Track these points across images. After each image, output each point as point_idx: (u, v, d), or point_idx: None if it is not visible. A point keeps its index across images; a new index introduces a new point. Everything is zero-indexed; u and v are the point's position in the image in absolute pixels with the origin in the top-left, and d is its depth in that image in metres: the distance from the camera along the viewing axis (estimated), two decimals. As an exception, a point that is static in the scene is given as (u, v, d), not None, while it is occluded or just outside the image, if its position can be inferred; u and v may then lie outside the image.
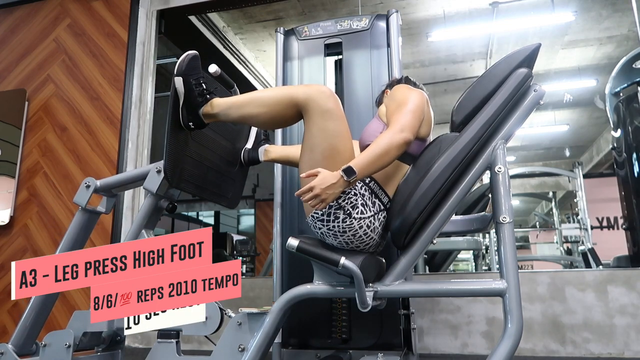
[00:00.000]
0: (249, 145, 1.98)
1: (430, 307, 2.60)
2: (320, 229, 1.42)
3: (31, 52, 3.60)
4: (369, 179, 1.45)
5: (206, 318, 1.50)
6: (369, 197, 1.42)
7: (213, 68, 1.69)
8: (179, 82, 1.56)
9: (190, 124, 1.59)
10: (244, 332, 1.45)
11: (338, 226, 1.39)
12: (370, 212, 1.41)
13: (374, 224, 1.42)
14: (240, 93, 5.66)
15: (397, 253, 1.53)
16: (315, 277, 1.45)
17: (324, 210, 1.39)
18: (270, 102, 1.49)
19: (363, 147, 1.55)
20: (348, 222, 1.38)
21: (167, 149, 1.56)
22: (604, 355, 2.38)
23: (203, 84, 1.58)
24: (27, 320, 1.69)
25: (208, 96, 1.58)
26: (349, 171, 1.31)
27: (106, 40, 3.48)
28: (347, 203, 1.39)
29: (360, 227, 1.40)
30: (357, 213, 1.39)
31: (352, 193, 1.41)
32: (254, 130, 2.00)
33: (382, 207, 1.45)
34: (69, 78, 3.48)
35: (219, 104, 1.57)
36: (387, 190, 1.48)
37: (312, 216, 1.42)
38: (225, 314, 1.52)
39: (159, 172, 1.62)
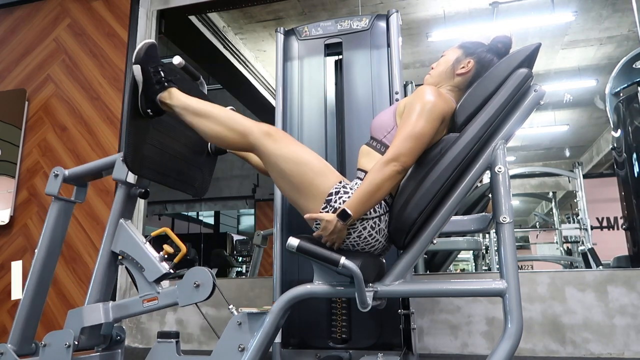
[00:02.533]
0: None
1: (430, 307, 2.60)
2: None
3: (31, 52, 3.60)
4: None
5: (198, 285, 1.51)
6: None
7: (177, 60, 1.72)
8: (137, 70, 1.59)
9: (149, 110, 1.62)
10: (244, 332, 1.45)
11: None
12: (376, 213, 1.41)
13: (379, 225, 1.41)
14: (241, 94, 5.64)
15: (397, 253, 1.53)
16: (315, 277, 1.45)
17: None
18: (224, 125, 1.52)
19: (372, 137, 1.55)
20: (349, 224, 1.38)
21: (126, 136, 1.59)
22: (604, 355, 2.38)
23: (161, 72, 1.61)
24: (20, 317, 1.69)
25: (166, 84, 1.60)
26: (344, 215, 1.34)
27: (106, 40, 3.48)
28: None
29: (364, 228, 1.40)
30: None
31: (351, 193, 1.41)
32: None
33: (387, 209, 1.45)
34: (69, 78, 3.48)
35: (178, 99, 1.59)
36: (392, 191, 1.48)
37: (316, 227, 1.45)
38: (229, 309, 1.53)
39: (124, 160, 1.64)
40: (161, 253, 1.60)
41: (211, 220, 11.32)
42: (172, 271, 1.59)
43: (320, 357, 1.96)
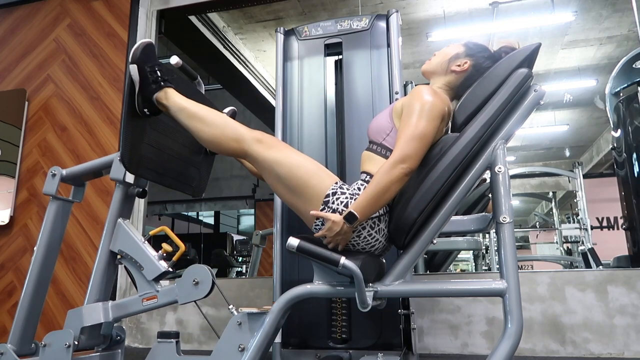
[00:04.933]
0: None
1: (430, 307, 2.60)
2: (325, 237, 1.43)
3: (31, 52, 3.60)
4: (370, 178, 1.45)
5: (197, 282, 1.51)
6: None
7: (174, 59, 1.73)
8: (133, 69, 1.60)
9: (145, 110, 1.62)
10: (244, 332, 1.45)
11: None
12: (376, 213, 1.41)
13: (378, 225, 1.41)
14: (241, 94, 5.65)
15: (397, 253, 1.53)
16: (315, 277, 1.45)
17: (322, 220, 1.42)
18: (217, 129, 1.53)
19: (371, 141, 1.55)
20: None
21: (124, 136, 1.59)
22: (604, 355, 2.38)
23: (158, 72, 1.61)
24: (20, 317, 1.69)
25: (162, 83, 1.60)
26: (351, 217, 1.34)
27: (106, 40, 3.48)
28: (345, 206, 1.40)
29: (364, 229, 1.40)
30: None
31: (349, 194, 1.42)
32: None
33: (387, 209, 1.45)
34: (69, 78, 3.48)
35: (173, 101, 1.59)
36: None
37: (315, 228, 1.45)
38: (229, 308, 1.53)
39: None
40: (160, 252, 1.60)
41: (211, 220, 11.33)
42: (170, 269, 1.59)
43: (320, 357, 1.96)
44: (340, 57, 2.30)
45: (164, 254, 1.60)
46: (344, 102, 2.22)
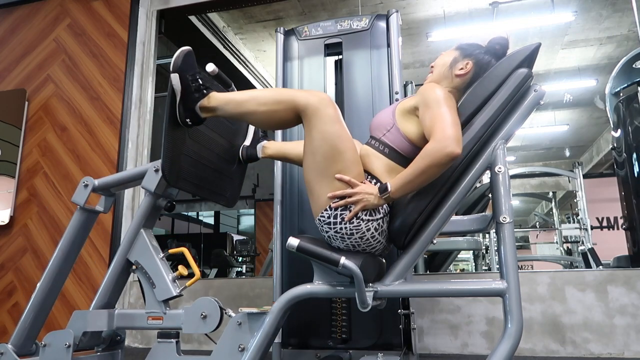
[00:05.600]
0: (247, 142, 1.97)
1: (430, 307, 2.60)
2: (327, 232, 1.42)
3: (31, 52, 3.60)
4: (375, 180, 1.44)
5: (205, 316, 1.51)
6: None
7: (211, 67, 1.69)
8: (175, 78, 1.56)
9: (188, 120, 1.58)
10: (244, 332, 1.45)
11: (345, 228, 1.38)
12: (379, 214, 1.40)
13: (382, 226, 1.41)
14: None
15: (397, 253, 1.53)
16: (315, 277, 1.45)
17: (330, 212, 1.39)
18: (270, 102, 1.48)
19: (371, 136, 1.54)
20: (355, 223, 1.38)
21: (165, 147, 1.56)
22: (604, 355, 2.38)
23: (199, 80, 1.58)
24: (26, 319, 1.69)
25: (205, 91, 1.57)
26: (383, 188, 1.35)
27: (106, 40, 3.48)
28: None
29: (368, 230, 1.39)
30: (366, 214, 1.38)
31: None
32: (252, 127, 2.00)
33: (388, 210, 1.44)
34: (69, 78, 3.48)
35: (217, 98, 1.57)
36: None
37: (319, 219, 1.42)
38: (225, 313, 1.53)
39: (157, 171, 1.62)
40: (175, 274, 1.58)
41: (211, 220, 11.32)
42: (182, 294, 1.58)
43: (320, 357, 1.96)
44: (340, 57, 2.30)
45: (179, 277, 1.59)
46: (344, 102, 2.22)
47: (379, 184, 1.42)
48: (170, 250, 1.68)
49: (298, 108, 1.43)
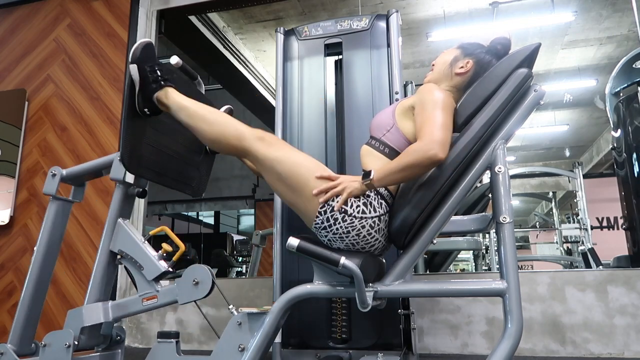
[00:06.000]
0: None
1: (430, 307, 2.60)
2: (326, 236, 1.43)
3: (31, 52, 3.60)
4: None
5: (197, 282, 1.51)
6: (375, 198, 1.42)
7: (174, 59, 1.73)
8: (134, 69, 1.61)
9: (146, 110, 1.62)
10: (244, 332, 1.45)
11: (340, 227, 1.39)
12: (376, 212, 1.40)
13: (378, 225, 1.41)
14: (241, 94, 5.64)
15: (397, 253, 1.53)
16: (315, 277, 1.45)
17: (322, 217, 1.40)
18: (217, 129, 1.53)
19: (371, 136, 1.55)
20: (349, 221, 1.38)
21: (123, 136, 1.59)
22: (604, 355, 2.38)
23: (158, 71, 1.61)
24: (20, 317, 1.69)
25: (162, 82, 1.61)
26: (366, 174, 1.37)
27: (106, 40, 3.48)
28: (345, 204, 1.40)
29: (363, 227, 1.39)
30: (358, 212, 1.38)
31: None
32: None
33: (387, 209, 1.44)
34: (69, 78, 3.48)
35: (174, 100, 1.60)
36: (394, 192, 1.48)
37: (315, 227, 1.44)
38: (229, 309, 1.53)
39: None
40: (160, 252, 1.60)
41: (211, 220, 11.32)
42: (170, 269, 1.59)
43: (320, 357, 1.96)
44: (340, 57, 2.30)
45: (164, 254, 1.60)
46: (344, 102, 2.22)
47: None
48: (151, 232, 1.73)
49: (243, 144, 1.49)
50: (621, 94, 3.47)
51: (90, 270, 3.08)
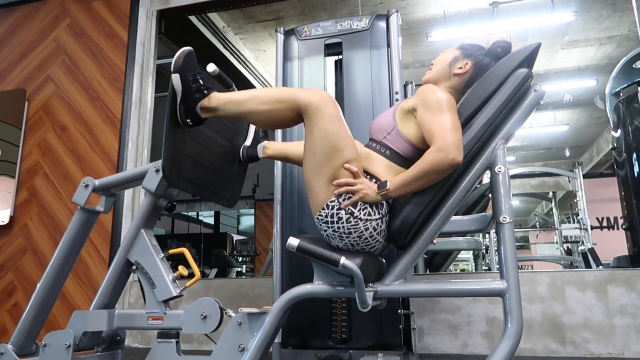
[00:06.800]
0: (248, 142, 1.97)
1: (430, 307, 2.60)
2: (325, 230, 1.42)
3: (31, 52, 3.60)
4: (375, 180, 1.44)
5: (205, 316, 1.51)
6: None
7: (211, 67, 1.69)
8: (176, 79, 1.56)
9: (188, 120, 1.59)
10: (244, 332, 1.45)
11: (343, 227, 1.39)
12: (379, 214, 1.40)
13: (380, 226, 1.41)
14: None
15: (397, 253, 1.53)
16: (315, 277, 1.45)
17: (328, 211, 1.39)
18: (271, 101, 1.48)
19: (371, 139, 1.54)
20: (353, 223, 1.38)
21: (166, 147, 1.56)
22: (604, 355, 2.38)
23: (200, 80, 1.58)
24: (27, 319, 1.69)
25: (205, 91, 1.58)
26: (382, 185, 1.36)
27: (106, 40, 3.48)
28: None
29: (366, 229, 1.39)
30: (364, 214, 1.38)
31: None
32: (252, 127, 2.00)
33: (387, 210, 1.44)
34: (69, 78, 3.48)
35: (218, 98, 1.57)
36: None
37: (318, 218, 1.42)
38: (226, 313, 1.52)
39: (157, 171, 1.62)
40: (175, 274, 1.58)
41: (211, 220, 11.32)
42: (182, 295, 1.58)
43: (320, 357, 1.96)
44: (340, 57, 2.30)
45: (179, 277, 1.59)
46: (344, 102, 2.22)
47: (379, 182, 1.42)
48: (170, 251, 1.68)
49: (299, 107, 1.43)
50: (621, 94, 3.47)
51: (90, 271, 3.09)
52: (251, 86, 6.03)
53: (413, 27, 5.57)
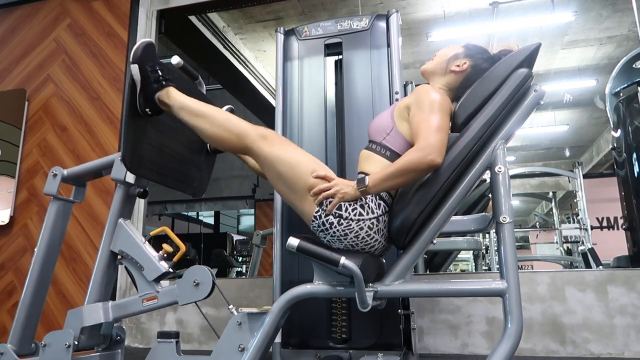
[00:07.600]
0: None
1: (430, 307, 2.60)
2: (324, 237, 1.44)
3: (31, 52, 3.60)
4: None
5: (197, 283, 1.51)
6: (372, 199, 1.42)
7: (175, 59, 1.73)
8: (135, 69, 1.60)
9: (147, 110, 1.62)
10: (244, 332, 1.45)
11: (337, 231, 1.39)
12: (372, 214, 1.40)
13: (377, 225, 1.41)
14: (241, 94, 5.65)
15: (397, 253, 1.54)
16: (315, 277, 1.45)
17: (318, 221, 1.41)
18: (223, 127, 1.53)
19: (371, 140, 1.55)
20: (345, 224, 1.38)
21: (124, 136, 1.60)
22: (604, 355, 2.38)
23: (159, 71, 1.61)
24: (20, 317, 1.70)
25: (164, 82, 1.61)
26: (360, 180, 1.37)
27: (106, 40, 3.48)
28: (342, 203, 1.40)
29: (361, 229, 1.39)
30: (354, 215, 1.38)
31: None
32: None
33: (387, 210, 1.44)
34: (69, 78, 3.48)
35: (175, 99, 1.60)
36: (393, 193, 1.48)
37: (313, 228, 1.45)
38: (229, 309, 1.53)
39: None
40: (160, 252, 1.60)
41: (211, 220, 11.32)
42: (171, 270, 1.59)
43: (320, 357, 1.96)
44: (340, 57, 2.30)
45: (165, 255, 1.60)
46: (344, 102, 2.22)
47: None
48: (152, 232, 1.72)
49: (245, 141, 1.50)
50: (621, 94, 3.47)
51: (90, 270, 3.08)
52: (251, 86, 6.03)
53: (413, 27, 5.57)
